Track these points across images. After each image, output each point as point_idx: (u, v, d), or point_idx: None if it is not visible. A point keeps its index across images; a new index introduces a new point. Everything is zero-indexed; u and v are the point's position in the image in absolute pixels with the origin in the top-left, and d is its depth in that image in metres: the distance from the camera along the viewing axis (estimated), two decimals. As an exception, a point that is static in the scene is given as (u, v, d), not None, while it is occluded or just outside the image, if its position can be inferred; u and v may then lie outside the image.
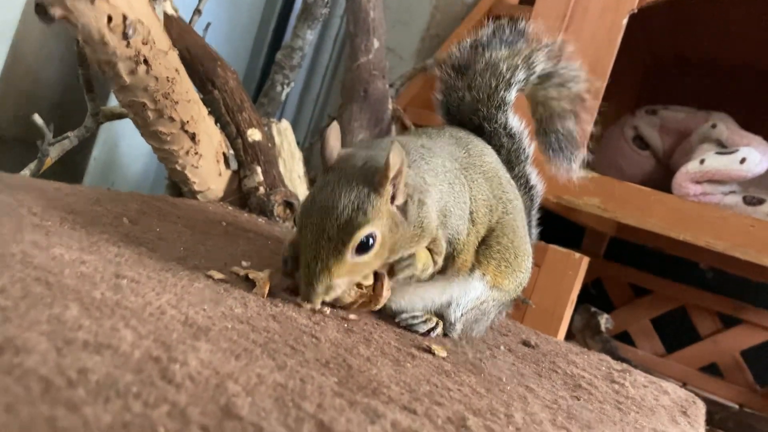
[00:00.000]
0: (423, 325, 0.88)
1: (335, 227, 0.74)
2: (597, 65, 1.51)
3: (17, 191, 0.85)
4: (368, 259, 0.77)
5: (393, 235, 0.78)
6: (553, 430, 0.64)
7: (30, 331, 0.45)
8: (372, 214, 0.75)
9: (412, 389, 0.62)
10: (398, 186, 0.78)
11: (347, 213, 0.75)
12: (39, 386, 0.39)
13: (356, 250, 0.75)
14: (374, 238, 0.76)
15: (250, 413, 0.45)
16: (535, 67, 1.05)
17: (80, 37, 1.02)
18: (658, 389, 0.99)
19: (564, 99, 1.09)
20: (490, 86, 1.04)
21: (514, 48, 1.06)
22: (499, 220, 0.95)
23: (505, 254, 0.94)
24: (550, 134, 1.10)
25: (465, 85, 1.06)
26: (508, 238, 0.95)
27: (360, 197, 0.75)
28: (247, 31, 2.12)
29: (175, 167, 1.26)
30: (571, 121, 1.09)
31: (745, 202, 1.57)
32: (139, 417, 0.39)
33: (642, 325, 2.54)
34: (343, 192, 0.76)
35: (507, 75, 1.04)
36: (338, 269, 0.75)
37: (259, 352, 0.57)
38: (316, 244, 0.75)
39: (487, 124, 1.06)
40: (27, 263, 0.59)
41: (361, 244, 0.75)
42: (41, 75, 1.60)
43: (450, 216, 0.87)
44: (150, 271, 0.71)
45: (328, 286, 0.76)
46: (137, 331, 0.52)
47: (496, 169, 0.99)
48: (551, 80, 1.07)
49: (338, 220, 0.74)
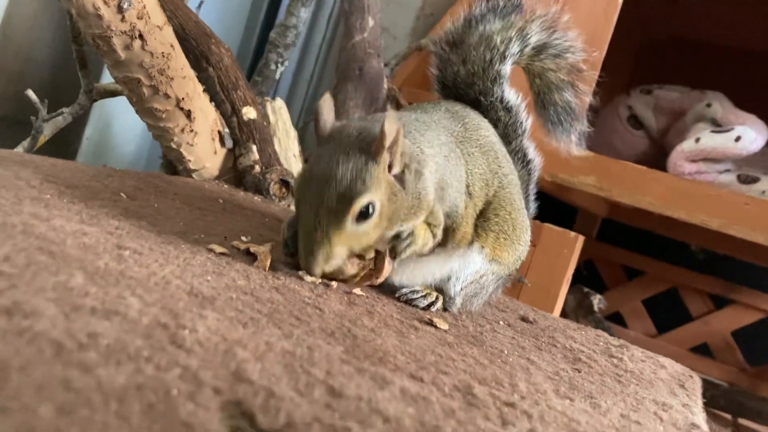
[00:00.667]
0: (423, 300, 0.88)
1: (334, 196, 0.74)
2: (594, 41, 1.50)
3: (14, 165, 0.84)
4: (368, 228, 0.77)
5: (391, 204, 0.78)
6: (557, 399, 0.64)
7: (37, 297, 0.45)
8: (370, 182, 0.75)
9: (418, 359, 0.62)
10: (395, 155, 0.78)
11: (346, 182, 0.74)
12: (51, 349, 0.39)
13: (356, 219, 0.75)
14: (374, 207, 0.76)
15: (260, 378, 0.44)
16: (530, 38, 1.05)
17: (74, 11, 1.01)
18: (656, 363, 0.99)
19: (561, 70, 1.08)
20: (485, 59, 1.04)
21: (508, 20, 1.05)
22: (495, 193, 0.95)
23: (503, 226, 0.94)
24: (548, 107, 1.10)
25: (460, 59, 1.06)
26: (505, 210, 0.95)
27: (358, 166, 0.75)
28: (241, 9, 2.10)
29: (170, 145, 1.25)
30: (569, 92, 1.09)
31: (740, 180, 1.57)
32: (152, 379, 0.39)
33: (634, 306, 2.55)
34: (341, 162, 0.76)
35: (501, 48, 1.04)
36: (338, 238, 0.75)
37: (265, 322, 0.57)
38: (315, 213, 0.75)
39: (483, 98, 1.06)
40: (29, 233, 0.59)
41: (361, 212, 0.75)
42: (32, 54, 1.58)
43: (447, 188, 0.87)
44: (152, 243, 0.70)
45: (328, 255, 0.76)
46: (144, 300, 0.52)
47: (492, 142, 0.98)
48: (547, 51, 1.07)
49: (337, 189, 0.74)
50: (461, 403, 0.53)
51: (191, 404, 0.38)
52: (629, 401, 0.73)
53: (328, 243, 0.75)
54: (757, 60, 2.25)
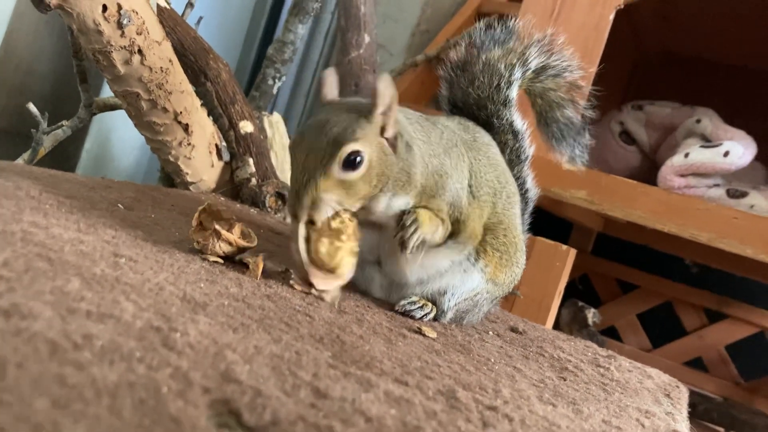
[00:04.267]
0: (419, 311, 0.91)
1: (323, 143, 0.76)
2: (585, 59, 1.53)
3: (14, 176, 0.86)
4: (355, 177, 0.77)
5: (380, 164, 0.79)
6: (540, 404, 0.66)
7: (35, 300, 0.47)
8: (360, 134, 0.77)
9: (404, 364, 0.64)
10: (389, 119, 0.80)
11: (336, 130, 0.76)
12: (46, 348, 0.40)
13: (343, 166, 0.76)
14: (362, 158, 0.77)
15: (248, 378, 0.46)
16: (530, 62, 1.08)
17: (75, 26, 1.03)
18: (642, 373, 1.01)
19: (560, 89, 1.12)
20: (492, 85, 1.07)
21: (506, 47, 1.08)
22: (504, 211, 0.97)
23: (509, 247, 0.97)
24: (551, 124, 1.13)
25: (468, 81, 1.09)
26: (512, 233, 0.98)
27: (350, 120, 0.77)
28: (239, 25, 2.13)
29: (168, 158, 1.27)
30: (569, 109, 1.12)
31: (729, 194, 1.59)
32: (144, 377, 0.41)
33: (628, 320, 2.56)
34: (333, 116, 0.78)
35: (506, 74, 1.07)
36: (325, 182, 0.76)
37: (255, 327, 0.59)
38: (305, 159, 0.76)
39: (495, 120, 1.09)
40: (28, 240, 0.61)
41: (349, 160, 0.76)
42: (33, 68, 1.61)
43: (447, 178, 0.88)
44: (147, 252, 0.72)
45: (314, 200, 0.76)
46: (138, 304, 0.53)
47: (500, 161, 1.02)
48: (546, 72, 1.10)
49: (327, 136, 0.76)
50: (444, 406, 0.55)
51: (180, 401, 0.40)
52: (612, 408, 0.75)
53: (314, 186, 0.76)
54: (749, 76, 2.28)
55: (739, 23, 1.97)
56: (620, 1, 1.61)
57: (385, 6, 2.18)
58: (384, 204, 0.83)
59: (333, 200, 0.77)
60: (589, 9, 1.62)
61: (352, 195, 0.78)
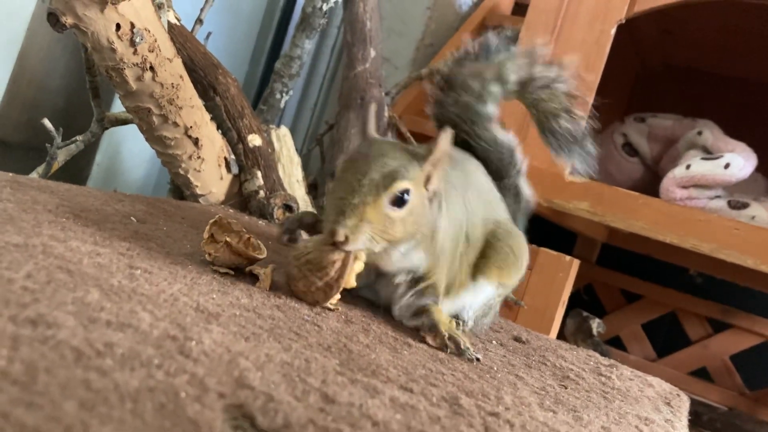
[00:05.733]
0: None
1: (378, 174, 0.77)
2: (587, 70, 1.56)
3: (31, 190, 0.89)
4: (397, 216, 0.78)
5: (418, 212, 0.81)
6: (540, 411, 0.68)
7: (58, 310, 0.50)
8: (413, 175, 0.79)
9: (409, 372, 0.66)
10: (435, 172, 0.82)
11: (392, 165, 0.78)
12: (72, 354, 0.43)
13: (392, 200, 0.77)
14: (408, 199, 0.78)
15: (261, 384, 0.49)
16: (508, 77, 1.08)
17: (89, 45, 1.06)
18: (644, 382, 1.03)
19: (553, 100, 1.12)
20: (468, 104, 1.08)
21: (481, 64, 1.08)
22: (492, 232, 1.00)
23: (505, 258, 0.99)
24: (549, 135, 1.14)
25: (451, 101, 1.10)
26: (503, 242, 0.99)
27: (405, 160, 0.79)
28: (247, 41, 2.17)
29: (178, 171, 1.30)
30: (565, 119, 1.13)
31: (730, 206, 1.62)
32: (163, 383, 0.44)
33: (633, 330, 2.58)
34: (389, 150, 0.80)
35: (479, 90, 1.07)
36: (372, 211, 0.76)
37: (266, 336, 0.61)
38: (356, 183, 0.77)
39: (473, 141, 1.09)
40: (48, 253, 0.63)
41: (397, 197, 0.77)
42: (46, 83, 1.64)
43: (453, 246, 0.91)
44: (161, 263, 0.75)
45: (357, 224, 0.76)
46: (154, 314, 0.56)
47: (483, 184, 1.03)
48: (533, 84, 1.10)
49: (383, 168, 0.78)
50: (447, 412, 0.57)
51: (198, 405, 0.42)
52: (612, 415, 0.77)
53: (362, 210, 0.76)
54: (751, 88, 2.31)
55: (741, 36, 2.00)
56: (622, 15, 1.63)
57: (389, 20, 2.21)
58: (401, 252, 0.84)
59: (369, 232, 0.77)
60: (590, 24, 1.65)
61: (386, 234, 0.79)
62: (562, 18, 1.67)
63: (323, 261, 0.78)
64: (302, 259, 0.80)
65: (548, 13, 1.70)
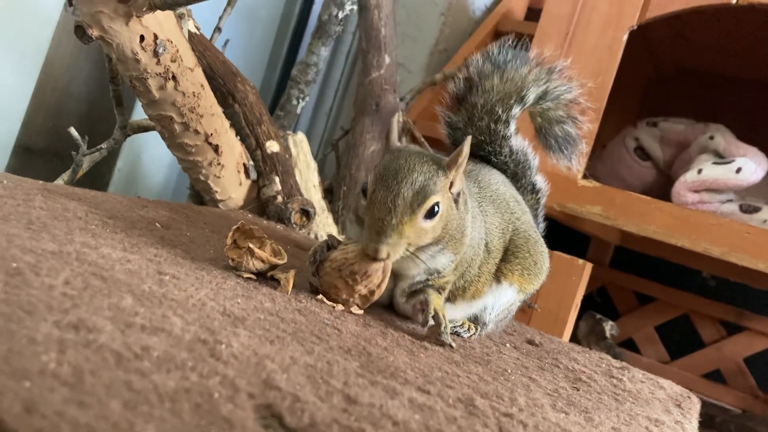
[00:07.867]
0: (466, 332, 0.98)
1: (411, 191, 0.82)
2: (598, 80, 1.58)
3: (60, 198, 0.93)
4: (429, 226, 0.84)
5: (446, 216, 0.86)
6: (553, 412, 0.71)
7: (96, 315, 0.53)
8: (440, 186, 0.84)
9: (426, 374, 0.69)
10: (457, 175, 0.87)
11: (421, 180, 0.83)
12: (113, 358, 0.46)
13: (424, 217, 0.83)
14: (439, 209, 0.84)
15: (287, 385, 0.52)
16: (527, 97, 1.11)
17: (114, 55, 1.10)
18: (655, 384, 1.05)
19: (559, 108, 1.15)
20: (490, 128, 1.11)
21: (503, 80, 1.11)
22: (511, 238, 1.03)
23: (525, 264, 1.03)
24: (549, 138, 1.17)
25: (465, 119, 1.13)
26: (523, 249, 1.03)
27: (431, 171, 0.84)
28: (264, 48, 2.20)
29: (198, 177, 1.33)
30: (569, 124, 1.16)
31: (742, 210, 1.63)
32: (197, 384, 0.47)
33: (646, 333, 2.59)
34: (416, 163, 0.84)
35: (503, 116, 1.11)
36: (409, 228, 0.82)
37: (290, 339, 0.64)
38: (391, 203, 0.81)
39: (493, 158, 1.14)
40: (82, 260, 0.67)
41: (429, 210, 0.83)
42: (69, 90, 1.68)
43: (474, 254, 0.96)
44: (187, 269, 0.78)
45: (396, 241, 0.81)
46: (184, 319, 0.59)
47: (503, 193, 1.06)
48: (546, 98, 1.13)
49: (413, 185, 0.82)
50: (463, 413, 0.60)
51: (231, 405, 0.45)
52: (623, 417, 0.79)
53: (401, 229, 0.81)
54: (763, 91, 2.31)
55: (753, 40, 2.01)
56: (634, 22, 1.65)
57: (403, 26, 2.24)
58: (429, 254, 0.88)
59: (405, 245, 0.83)
60: (602, 30, 1.67)
61: (423, 239, 0.85)
62: (575, 24, 1.69)
63: (368, 270, 0.84)
64: (346, 270, 0.85)
65: (561, 19, 1.72)
